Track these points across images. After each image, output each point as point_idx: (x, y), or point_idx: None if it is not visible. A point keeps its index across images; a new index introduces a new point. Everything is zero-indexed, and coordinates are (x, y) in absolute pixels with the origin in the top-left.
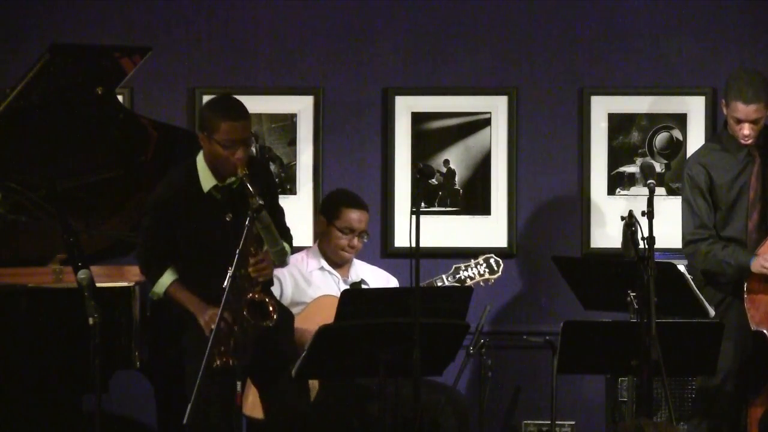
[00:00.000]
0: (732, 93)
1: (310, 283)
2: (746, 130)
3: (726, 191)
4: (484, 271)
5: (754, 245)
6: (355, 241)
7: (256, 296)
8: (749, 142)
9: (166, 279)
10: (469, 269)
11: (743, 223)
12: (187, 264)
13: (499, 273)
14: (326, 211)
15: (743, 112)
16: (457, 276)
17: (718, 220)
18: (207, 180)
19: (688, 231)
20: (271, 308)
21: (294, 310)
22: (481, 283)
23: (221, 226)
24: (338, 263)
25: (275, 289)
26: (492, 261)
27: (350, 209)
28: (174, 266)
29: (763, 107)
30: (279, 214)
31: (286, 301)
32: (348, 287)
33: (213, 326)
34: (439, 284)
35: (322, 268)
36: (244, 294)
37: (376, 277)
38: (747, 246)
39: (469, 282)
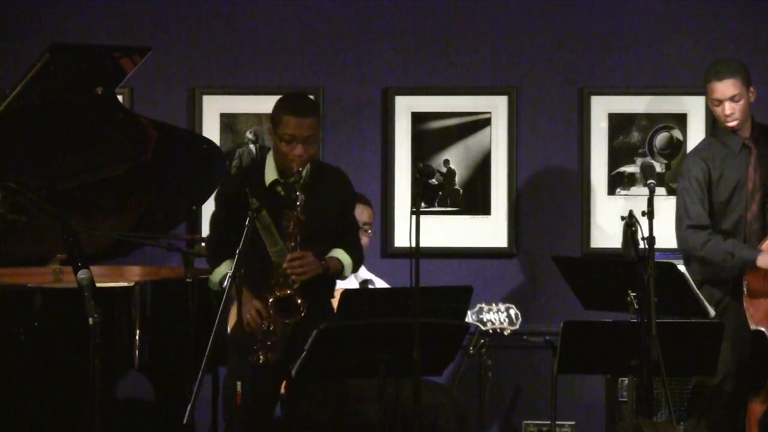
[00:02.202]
0: (707, 77)
1: None
2: (727, 109)
3: (724, 183)
4: (504, 320)
5: (752, 236)
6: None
7: (281, 293)
8: (734, 123)
9: (223, 269)
10: (491, 312)
11: (742, 214)
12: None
13: (516, 327)
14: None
15: (719, 91)
16: (480, 316)
17: (716, 212)
18: (270, 174)
19: (688, 216)
20: (299, 302)
21: None
22: (498, 330)
23: (276, 220)
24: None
25: None
26: (512, 312)
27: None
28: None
29: (740, 84)
30: (352, 227)
31: None
32: (358, 282)
33: (248, 316)
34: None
35: None
36: (274, 291)
37: (377, 282)
38: (746, 236)
39: (488, 326)
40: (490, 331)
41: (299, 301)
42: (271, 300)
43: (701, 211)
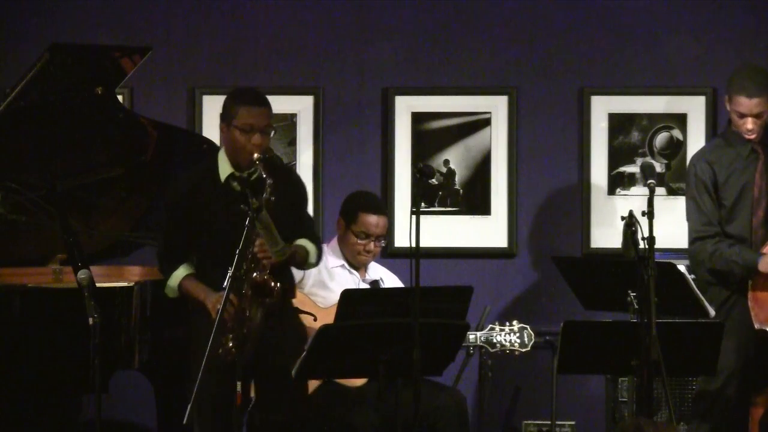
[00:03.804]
0: (735, 87)
1: (333, 277)
2: (750, 124)
3: (730, 188)
4: (515, 342)
5: (759, 241)
6: (372, 245)
7: (259, 278)
8: (753, 136)
9: (181, 272)
10: (503, 334)
11: (748, 220)
12: (200, 254)
13: (528, 348)
14: (344, 214)
15: (746, 107)
16: (490, 337)
17: (722, 217)
18: (225, 170)
19: (694, 228)
20: (273, 285)
21: (312, 299)
22: (507, 352)
23: (235, 216)
24: (356, 265)
25: (296, 272)
26: (525, 334)
27: (367, 214)
28: (190, 261)
29: (766, 101)
30: (309, 222)
31: (305, 285)
32: (368, 285)
33: (219, 306)
34: (471, 338)
35: (343, 266)
36: (249, 276)
37: (389, 279)
38: (752, 242)
39: (498, 348)
40: (499, 353)
41: (273, 284)
42: (251, 278)
43: (704, 219)
